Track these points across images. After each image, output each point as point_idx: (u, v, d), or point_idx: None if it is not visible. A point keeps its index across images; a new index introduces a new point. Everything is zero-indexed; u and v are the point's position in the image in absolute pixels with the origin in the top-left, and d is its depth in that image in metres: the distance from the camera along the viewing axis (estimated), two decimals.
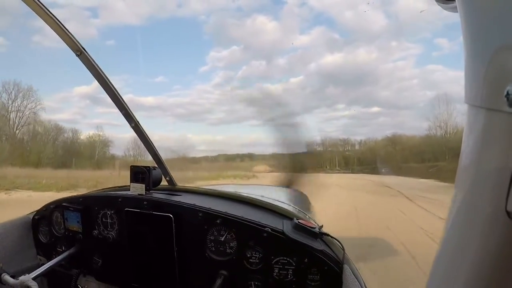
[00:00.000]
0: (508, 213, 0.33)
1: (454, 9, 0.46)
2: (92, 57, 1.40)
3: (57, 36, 1.32)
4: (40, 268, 1.40)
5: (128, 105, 1.56)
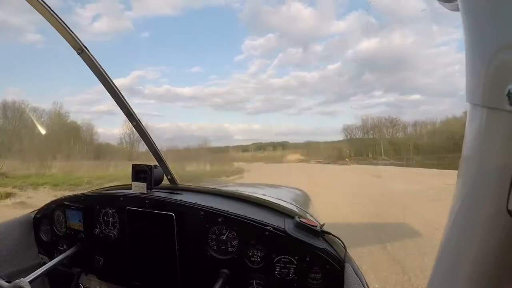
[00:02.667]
0: (509, 212, 0.33)
1: (455, 8, 0.45)
2: (94, 56, 1.40)
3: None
4: (42, 267, 1.40)
5: (129, 104, 1.56)
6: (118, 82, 1.43)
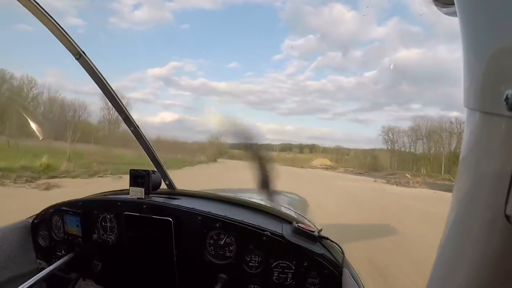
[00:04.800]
0: (507, 217, 0.33)
1: (453, 14, 0.46)
2: (92, 61, 1.41)
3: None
4: (40, 273, 1.39)
5: (127, 109, 1.56)
6: (155, 71, 1.42)
